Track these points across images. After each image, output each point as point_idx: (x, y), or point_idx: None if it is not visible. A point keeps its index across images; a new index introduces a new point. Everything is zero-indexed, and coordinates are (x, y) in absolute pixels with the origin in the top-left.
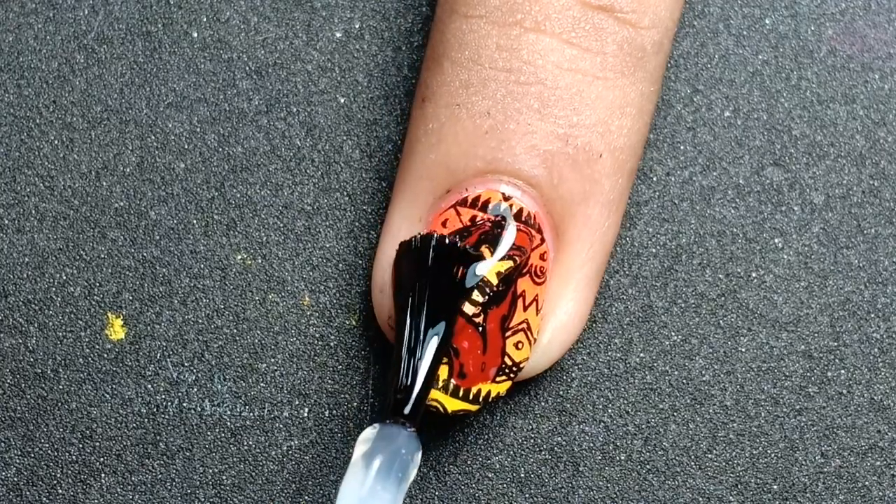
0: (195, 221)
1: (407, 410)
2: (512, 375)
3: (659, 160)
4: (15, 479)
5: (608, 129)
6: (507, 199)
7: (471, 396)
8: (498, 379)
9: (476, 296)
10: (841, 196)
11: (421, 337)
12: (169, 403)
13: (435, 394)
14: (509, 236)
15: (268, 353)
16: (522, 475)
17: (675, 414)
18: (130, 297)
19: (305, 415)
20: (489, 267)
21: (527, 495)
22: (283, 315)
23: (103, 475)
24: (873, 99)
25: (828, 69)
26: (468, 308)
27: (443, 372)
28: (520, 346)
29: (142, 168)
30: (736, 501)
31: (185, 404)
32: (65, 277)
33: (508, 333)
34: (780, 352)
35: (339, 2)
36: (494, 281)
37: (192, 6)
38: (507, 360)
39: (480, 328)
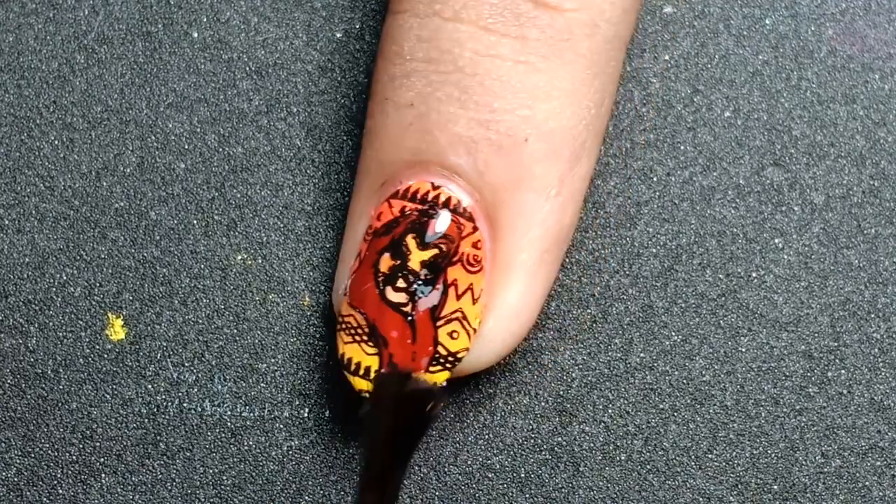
0: (195, 221)
1: None
2: (448, 365)
3: (659, 160)
4: (15, 479)
5: (533, 114)
6: (435, 188)
7: None
8: (432, 369)
9: (400, 283)
10: (841, 196)
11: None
12: (169, 404)
13: (365, 384)
14: (438, 224)
15: (268, 353)
16: (522, 475)
17: (675, 414)
18: (131, 298)
19: (305, 415)
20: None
21: (527, 495)
22: (283, 315)
23: (103, 475)
24: (873, 99)
25: (828, 69)
26: (394, 297)
27: (373, 363)
28: (455, 335)
29: (142, 168)
30: (736, 501)
31: (185, 404)
32: (65, 277)
33: (440, 323)
34: (781, 352)
35: (339, 2)
36: (418, 269)
37: (192, 6)
38: (440, 349)
39: (409, 318)
